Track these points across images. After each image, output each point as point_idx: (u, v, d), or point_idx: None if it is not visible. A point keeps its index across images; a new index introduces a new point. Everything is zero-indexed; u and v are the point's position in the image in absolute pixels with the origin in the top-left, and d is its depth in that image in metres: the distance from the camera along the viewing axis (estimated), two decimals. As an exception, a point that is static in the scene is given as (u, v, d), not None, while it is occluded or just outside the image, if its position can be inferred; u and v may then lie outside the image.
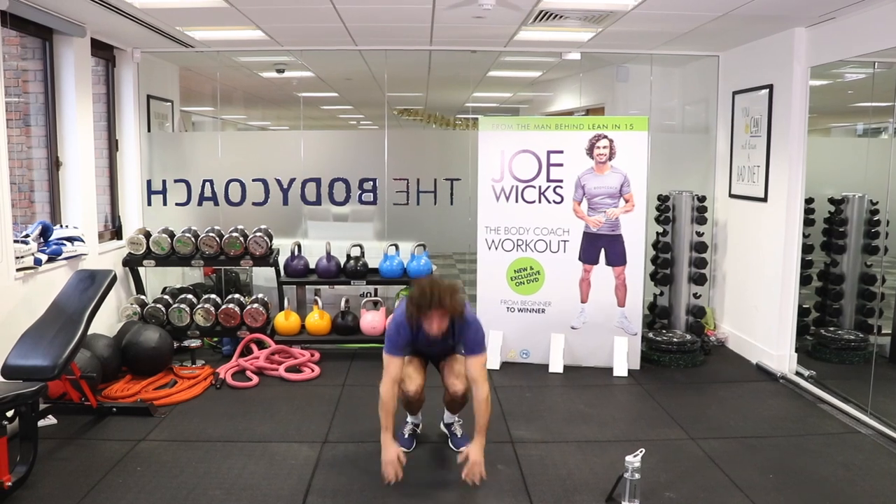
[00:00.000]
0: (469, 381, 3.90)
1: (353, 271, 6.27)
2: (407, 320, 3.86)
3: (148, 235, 6.21)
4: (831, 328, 6.14)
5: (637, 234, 5.74)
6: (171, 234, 6.22)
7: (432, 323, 3.77)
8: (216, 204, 6.79)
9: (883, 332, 5.86)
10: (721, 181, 6.59)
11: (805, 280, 5.94)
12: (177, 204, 6.80)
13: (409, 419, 4.38)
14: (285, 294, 6.36)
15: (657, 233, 6.42)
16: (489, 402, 3.85)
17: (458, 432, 4.33)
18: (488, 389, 3.85)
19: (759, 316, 5.96)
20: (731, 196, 6.41)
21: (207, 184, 6.78)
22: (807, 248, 5.87)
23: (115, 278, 4.80)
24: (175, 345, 5.74)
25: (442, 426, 4.46)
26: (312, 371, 5.65)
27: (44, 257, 4.87)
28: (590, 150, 5.74)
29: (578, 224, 5.81)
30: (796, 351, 5.66)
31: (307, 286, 6.58)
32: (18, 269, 4.63)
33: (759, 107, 5.87)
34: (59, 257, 5.07)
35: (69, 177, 5.57)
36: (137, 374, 5.36)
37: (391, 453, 3.71)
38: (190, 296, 6.19)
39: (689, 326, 6.32)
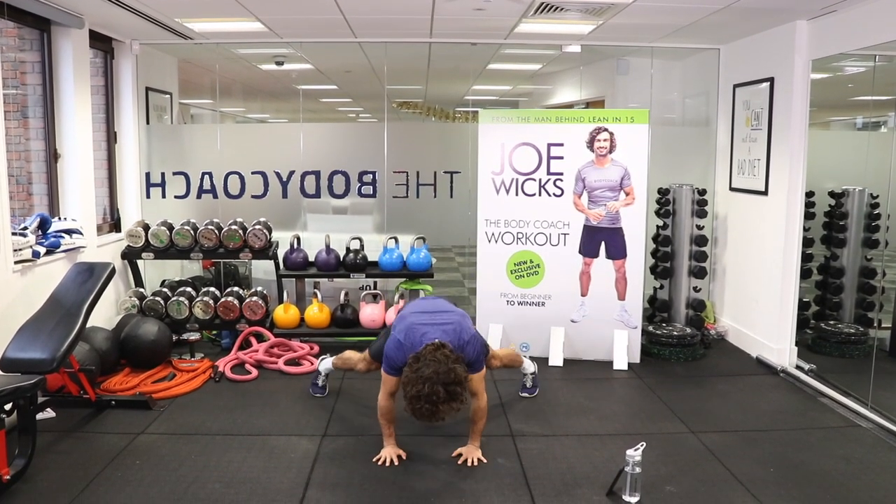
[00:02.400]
0: (469, 393, 3.84)
1: (353, 264, 6.27)
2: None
3: (147, 228, 6.20)
4: (831, 322, 6.14)
5: (637, 227, 5.73)
6: (170, 227, 6.20)
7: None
8: (215, 196, 6.77)
9: (883, 325, 5.85)
10: (721, 174, 6.58)
11: (805, 273, 5.93)
12: (175, 196, 6.78)
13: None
14: (284, 287, 6.35)
15: (657, 226, 6.42)
16: (486, 412, 4.04)
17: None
18: (486, 400, 4.04)
19: (759, 309, 5.95)
20: (732, 189, 6.39)
21: (206, 176, 6.76)
22: (807, 242, 5.86)
23: (113, 271, 4.78)
24: (174, 338, 5.74)
25: None
26: (312, 364, 5.64)
27: (42, 250, 4.85)
28: (590, 143, 5.72)
29: (579, 217, 5.79)
30: (796, 344, 5.66)
31: (306, 279, 6.57)
32: (16, 262, 4.61)
33: (759, 100, 5.86)
34: (58, 250, 5.06)
35: (67, 169, 5.54)
36: (136, 368, 5.36)
37: (392, 451, 3.95)
38: (189, 289, 6.17)
39: (689, 320, 6.32)
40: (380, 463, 3.93)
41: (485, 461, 3.94)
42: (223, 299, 6.03)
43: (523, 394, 5.03)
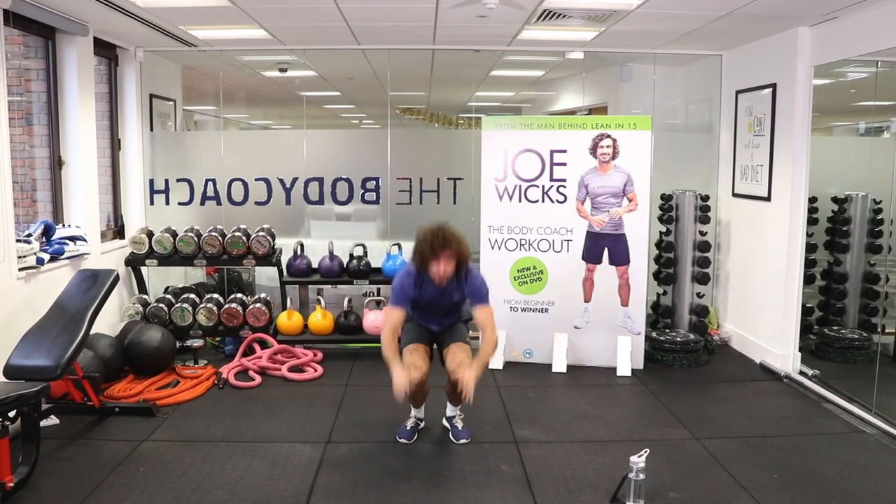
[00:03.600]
0: (479, 327, 4.10)
1: (356, 271, 6.27)
2: (413, 266, 4.08)
3: (150, 235, 6.21)
4: (835, 327, 6.13)
5: (640, 233, 5.73)
6: (174, 234, 6.21)
7: (439, 266, 3.94)
8: (219, 203, 6.78)
9: (887, 331, 5.85)
10: (724, 180, 6.58)
11: (808, 279, 5.93)
12: (179, 203, 6.79)
13: (413, 412, 4.41)
14: (288, 293, 6.35)
15: (660, 232, 6.41)
16: (495, 345, 4.18)
17: (459, 425, 4.39)
18: (496, 336, 4.14)
19: (762, 315, 5.95)
20: (735, 195, 6.39)
21: (210, 183, 6.77)
22: (810, 247, 5.86)
23: (117, 278, 4.80)
24: (177, 344, 5.74)
25: (444, 420, 4.48)
26: (315, 371, 5.64)
27: (46, 257, 4.86)
28: (593, 150, 5.73)
29: (582, 223, 5.80)
30: (800, 350, 5.65)
31: (310, 286, 6.58)
32: (21, 269, 4.62)
33: (762, 106, 5.86)
34: (62, 257, 5.07)
35: (71, 176, 5.56)
36: (140, 374, 5.36)
37: (402, 373, 3.94)
38: (192, 295, 6.19)
39: (692, 326, 6.31)
40: (397, 394, 3.91)
41: (472, 399, 3.89)
42: (227, 306, 6.03)
43: (456, 439, 4.38)
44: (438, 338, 4.36)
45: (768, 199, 5.79)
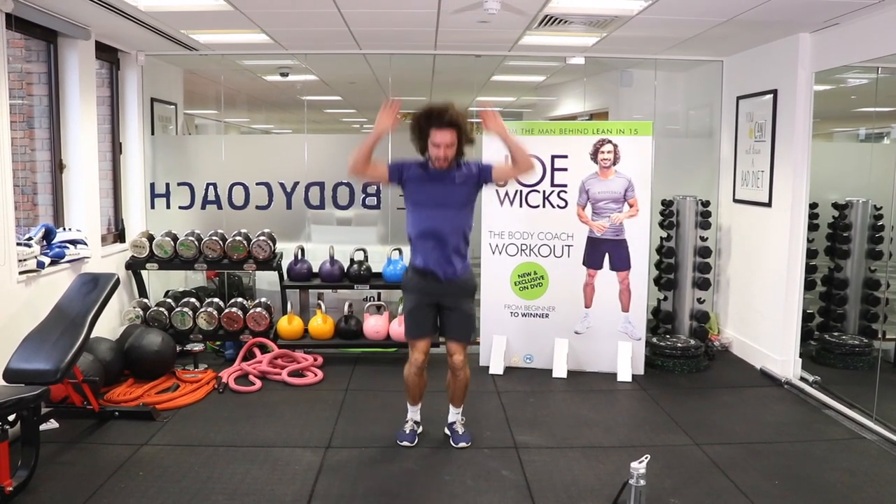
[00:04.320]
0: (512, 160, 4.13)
1: (357, 275, 6.27)
2: (415, 149, 4.18)
3: (151, 239, 6.21)
4: (835, 333, 6.12)
5: (641, 238, 5.73)
6: (175, 238, 6.20)
7: (439, 147, 3.96)
8: (219, 207, 6.78)
9: (888, 337, 5.84)
10: (725, 186, 6.58)
11: (809, 285, 5.92)
12: (180, 207, 6.79)
13: (410, 414, 4.42)
14: (288, 298, 6.34)
15: (661, 237, 6.41)
16: (529, 160, 4.21)
17: (460, 430, 4.38)
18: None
19: (763, 321, 5.94)
20: (735, 201, 6.39)
21: (211, 187, 6.77)
22: (811, 253, 5.85)
23: (118, 282, 4.80)
24: (178, 348, 5.74)
25: (445, 429, 4.46)
26: (315, 375, 5.64)
27: (47, 260, 4.86)
28: (594, 155, 5.73)
29: (582, 229, 5.80)
30: (800, 356, 5.65)
31: (310, 290, 6.57)
32: (21, 272, 4.62)
33: (763, 112, 5.86)
34: (62, 260, 5.06)
35: (72, 179, 5.56)
36: (140, 378, 5.36)
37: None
38: (193, 299, 6.18)
39: (693, 331, 6.31)
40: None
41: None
42: (227, 310, 6.03)
43: (455, 443, 4.36)
44: (443, 320, 4.23)
45: (769, 204, 5.79)
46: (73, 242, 5.26)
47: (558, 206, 5.81)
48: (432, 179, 4.09)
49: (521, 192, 5.85)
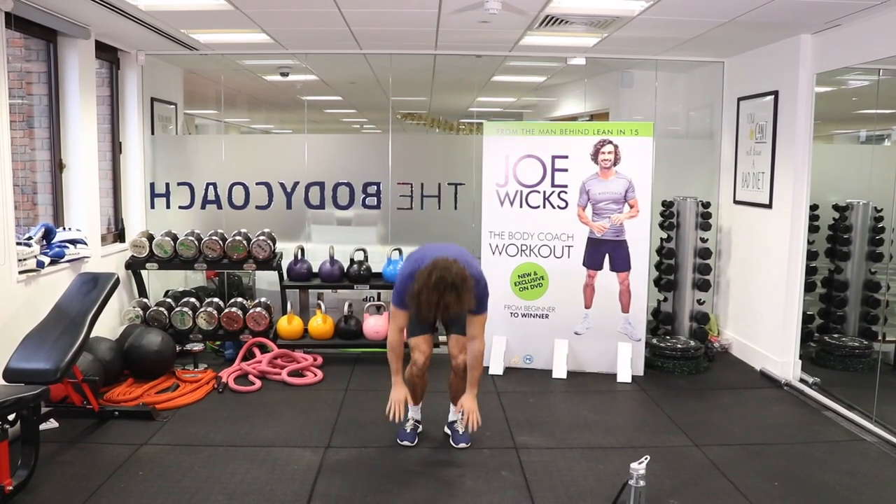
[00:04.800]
0: (467, 335, 4.12)
1: (357, 275, 6.26)
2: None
3: (151, 238, 6.20)
4: (835, 335, 6.12)
5: (641, 239, 5.73)
6: (174, 238, 6.20)
7: (432, 313, 3.85)
8: (219, 207, 6.78)
9: (887, 339, 5.84)
10: (725, 187, 6.58)
11: (809, 287, 5.92)
12: (180, 207, 6.79)
13: (411, 413, 4.41)
14: (288, 298, 6.34)
15: (661, 238, 6.41)
16: (482, 358, 4.15)
17: (460, 430, 4.37)
18: (484, 345, 4.16)
19: (763, 322, 5.94)
20: (736, 202, 6.39)
21: (211, 187, 6.77)
22: (811, 255, 5.85)
23: (117, 281, 4.80)
24: (177, 348, 5.73)
25: (445, 427, 4.47)
26: (315, 375, 5.64)
27: (46, 260, 4.86)
28: (594, 156, 5.73)
29: (583, 229, 5.80)
30: (800, 358, 5.64)
31: (310, 290, 6.57)
32: (21, 272, 4.62)
33: (764, 113, 5.86)
34: (62, 260, 5.06)
35: (72, 179, 5.56)
36: (139, 378, 5.36)
37: (400, 393, 4.08)
38: (193, 299, 6.18)
39: (692, 332, 6.31)
40: (389, 413, 4.02)
41: (479, 424, 4.09)
42: (227, 310, 6.03)
43: (455, 443, 4.38)
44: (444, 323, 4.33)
45: (769, 206, 5.79)
46: (73, 242, 5.26)
47: (559, 206, 5.81)
48: None
49: (521, 192, 5.85)
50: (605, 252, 5.78)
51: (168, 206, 6.78)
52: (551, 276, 5.86)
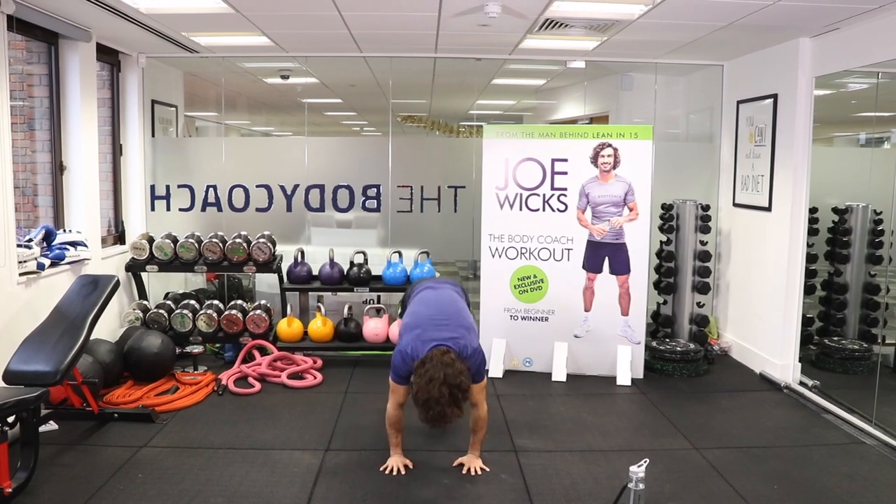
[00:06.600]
0: (471, 403, 3.95)
1: (357, 278, 6.27)
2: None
3: (151, 241, 6.21)
4: (835, 338, 6.12)
5: (641, 242, 5.74)
6: (175, 240, 6.21)
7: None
8: (219, 210, 6.79)
9: (887, 341, 5.84)
10: (725, 190, 6.59)
11: (809, 289, 5.93)
12: (180, 209, 6.80)
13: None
14: (288, 300, 6.35)
15: (661, 241, 6.41)
16: (486, 422, 4.08)
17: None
18: (487, 409, 4.07)
19: (762, 325, 5.95)
20: (735, 205, 6.40)
21: (211, 189, 6.78)
22: (810, 258, 5.85)
23: (117, 283, 4.80)
24: (177, 350, 5.73)
25: None
26: (315, 378, 5.64)
27: (47, 262, 4.86)
28: (594, 159, 5.74)
29: (582, 232, 5.80)
30: (800, 360, 5.65)
31: (310, 293, 6.58)
32: (21, 274, 4.62)
33: (763, 116, 5.87)
34: (62, 262, 5.07)
35: (73, 181, 5.56)
36: (139, 380, 5.36)
37: (399, 461, 4.01)
38: (192, 301, 6.18)
39: (692, 335, 6.31)
40: (386, 472, 3.97)
41: (487, 469, 4.01)
42: (227, 312, 6.03)
43: None
44: None
45: (769, 209, 5.80)
46: (73, 244, 5.26)
47: (558, 209, 5.82)
48: None
49: (521, 195, 5.85)
50: (605, 255, 5.78)
51: (168, 209, 6.79)
52: (551, 279, 5.86)
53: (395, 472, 3.97)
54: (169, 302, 6.20)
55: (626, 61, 6.83)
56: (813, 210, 5.81)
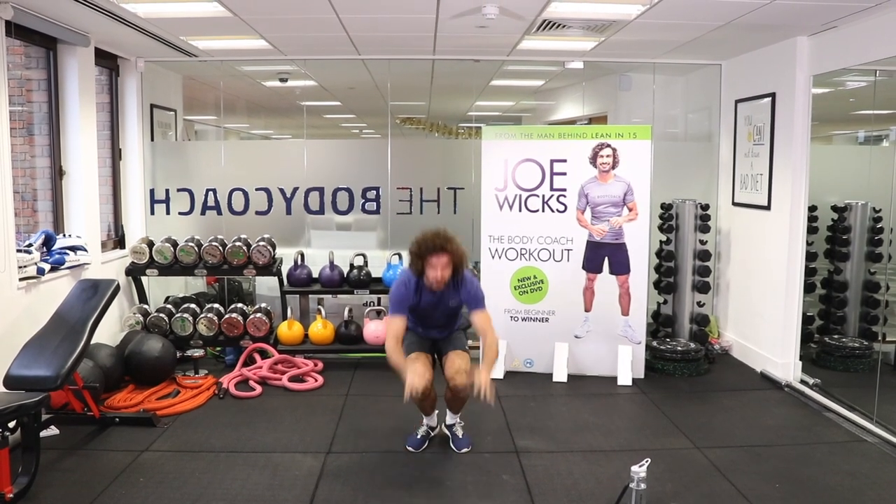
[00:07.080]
0: (479, 333, 4.14)
1: (357, 280, 6.27)
2: (409, 274, 4.13)
3: (151, 245, 6.21)
4: (836, 336, 6.12)
5: (640, 242, 5.74)
6: (174, 244, 6.21)
7: (436, 270, 3.99)
8: (219, 213, 6.79)
9: (888, 339, 5.84)
10: (724, 189, 6.59)
11: (809, 288, 5.92)
12: (180, 213, 6.80)
13: (425, 420, 4.43)
14: (288, 303, 6.35)
15: (661, 241, 6.41)
16: (497, 346, 4.14)
17: (460, 433, 4.40)
18: (496, 337, 4.15)
19: (763, 324, 5.95)
20: (735, 204, 6.40)
21: (210, 193, 6.78)
22: (810, 256, 5.85)
23: (118, 288, 4.80)
24: (178, 354, 5.73)
25: (443, 427, 4.47)
26: (316, 381, 5.64)
27: (47, 267, 4.87)
28: (593, 159, 5.74)
29: (582, 233, 5.80)
30: (801, 359, 5.65)
31: (310, 295, 6.58)
32: (21, 279, 4.62)
33: (761, 115, 5.87)
34: (62, 267, 5.07)
35: (72, 186, 5.57)
36: (140, 384, 5.36)
37: (414, 377, 3.92)
38: (193, 305, 6.19)
39: (692, 335, 6.31)
40: (408, 393, 3.85)
41: (492, 399, 3.88)
42: (227, 316, 6.03)
43: (458, 448, 4.38)
44: (438, 346, 4.38)
45: (768, 207, 5.80)
46: (73, 249, 5.27)
47: (557, 210, 5.82)
48: (430, 296, 4.18)
49: (520, 196, 5.86)
50: (605, 255, 5.79)
51: (168, 213, 6.79)
52: (551, 279, 5.86)
53: (415, 394, 3.88)
54: (169, 306, 6.20)
55: (625, 61, 6.83)
56: (812, 208, 5.81)
